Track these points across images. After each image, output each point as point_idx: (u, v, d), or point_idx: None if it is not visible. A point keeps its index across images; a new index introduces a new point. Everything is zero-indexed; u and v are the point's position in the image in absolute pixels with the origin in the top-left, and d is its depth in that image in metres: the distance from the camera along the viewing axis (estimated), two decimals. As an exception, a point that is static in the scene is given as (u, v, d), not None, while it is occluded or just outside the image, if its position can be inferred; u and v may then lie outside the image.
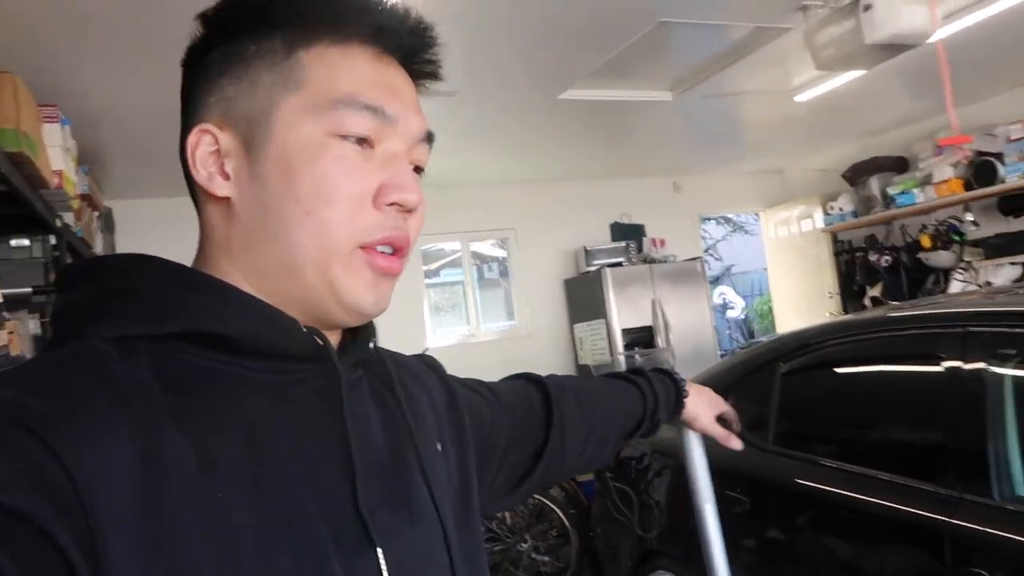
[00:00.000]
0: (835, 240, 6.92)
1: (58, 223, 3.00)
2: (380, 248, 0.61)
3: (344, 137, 0.59)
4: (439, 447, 0.73)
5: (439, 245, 6.97)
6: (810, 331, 2.51)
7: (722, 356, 6.77)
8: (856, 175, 6.34)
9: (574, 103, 4.36)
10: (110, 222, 5.10)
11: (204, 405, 0.53)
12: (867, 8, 2.37)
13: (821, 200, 6.89)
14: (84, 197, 3.59)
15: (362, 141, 0.60)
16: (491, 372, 1.14)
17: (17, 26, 2.70)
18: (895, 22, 2.34)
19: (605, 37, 3.39)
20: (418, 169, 0.66)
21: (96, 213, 4.30)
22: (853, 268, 6.65)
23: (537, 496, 4.75)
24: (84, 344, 0.52)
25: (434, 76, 0.70)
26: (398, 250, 0.62)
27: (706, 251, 10.79)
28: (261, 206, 0.60)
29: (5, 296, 2.20)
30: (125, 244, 5.29)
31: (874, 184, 6.20)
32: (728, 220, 14.33)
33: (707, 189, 7.53)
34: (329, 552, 0.54)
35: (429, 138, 0.66)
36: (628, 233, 6.89)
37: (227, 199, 0.61)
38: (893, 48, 2.50)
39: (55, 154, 2.73)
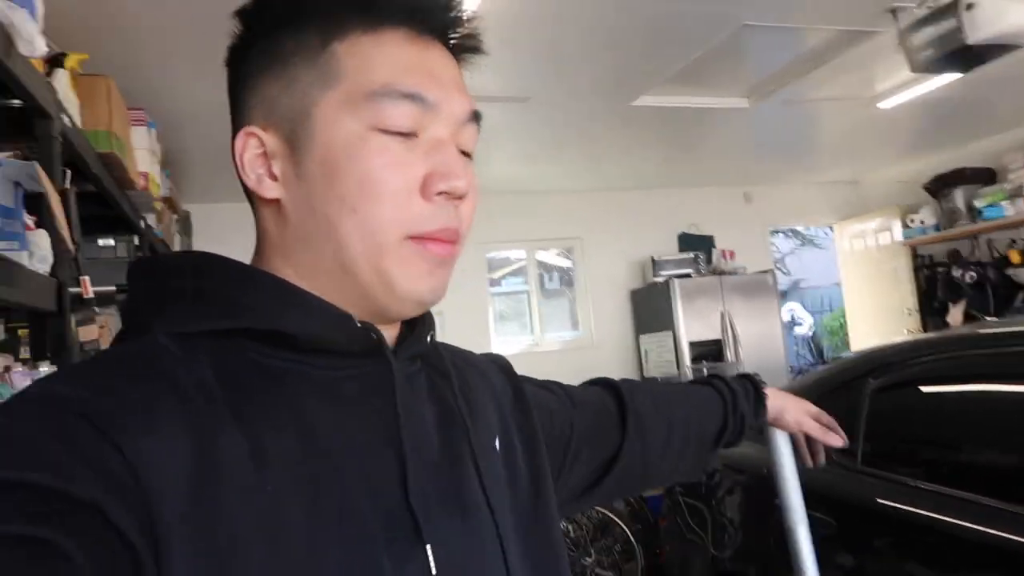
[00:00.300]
0: (915, 254, 6.64)
1: (142, 224, 3.08)
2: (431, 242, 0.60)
3: (385, 130, 0.58)
4: (497, 444, 0.72)
5: (504, 253, 6.95)
6: (903, 346, 2.39)
7: (791, 373, 6.56)
8: (939, 186, 6.07)
9: (646, 110, 4.28)
10: (188, 225, 5.25)
11: (260, 401, 0.54)
12: (970, 7, 2.25)
13: (900, 212, 6.62)
14: (165, 200, 3.69)
15: (405, 135, 0.59)
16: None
17: (111, 31, 2.79)
18: (1001, 21, 2.21)
19: (685, 41, 3.32)
20: (467, 155, 0.64)
21: (175, 216, 4.43)
22: (934, 284, 6.36)
23: (602, 510, 4.67)
24: (148, 340, 0.54)
25: (475, 50, 0.67)
26: (451, 240, 0.61)
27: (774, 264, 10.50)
28: (309, 206, 0.59)
29: (83, 298, 2.25)
30: (200, 247, 5.35)
31: (959, 196, 5.93)
32: (796, 233, 13.97)
33: (778, 200, 7.33)
34: (379, 547, 0.55)
35: (476, 118, 0.64)
36: (696, 244, 6.75)
37: (277, 200, 0.61)
38: (996, 49, 2.36)
39: (142, 156, 2.80)
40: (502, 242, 6.52)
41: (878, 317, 7.03)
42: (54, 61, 1.91)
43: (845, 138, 5.67)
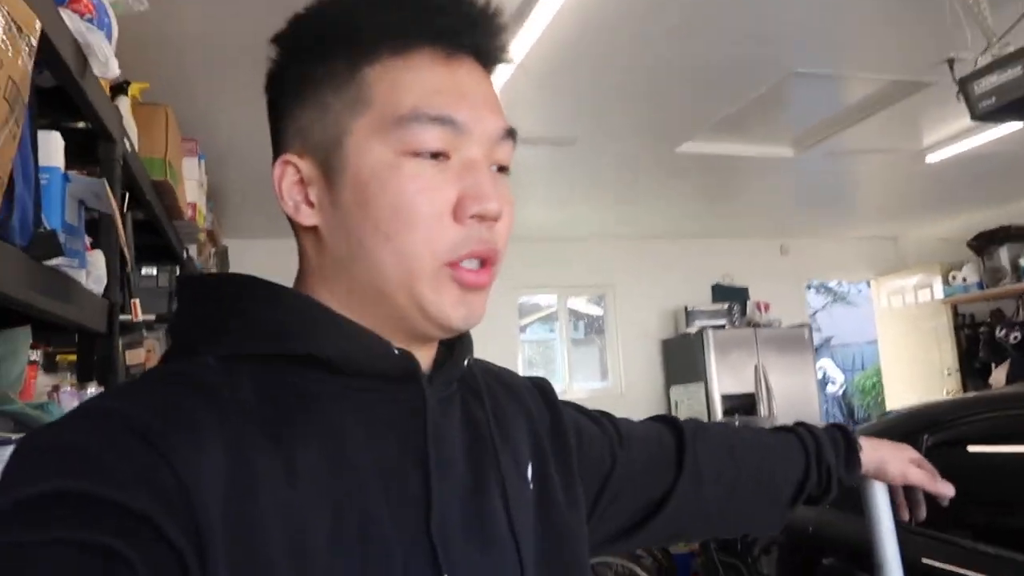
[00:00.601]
0: (955, 313, 6.50)
1: (184, 255, 3.09)
2: (467, 263, 0.60)
3: (417, 154, 0.58)
4: (530, 473, 0.70)
5: (534, 299, 6.92)
6: (958, 403, 2.30)
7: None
8: (983, 244, 5.97)
9: (688, 157, 4.27)
10: (225, 260, 5.29)
11: (296, 421, 0.56)
12: (1035, 57, 2.22)
13: (942, 269, 6.51)
14: (208, 232, 3.72)
15: (436, 154, 0.59)
16: None
17: (169, 61, 2.84)
18: (1066, 72, 2.17)
19: (734, 87, 3.32)
20: (503, 169, 0.63)
21: (214, 249, 4.46)
22: (976, 344, 6.21)
23: (628, 564, 4.53)
24: (195, 361, 0.56)
25: (507, 61, 0.66)
26: (486, 261, 0.61)
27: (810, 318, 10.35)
28: (344, 233, 0.60)
29: (123, 321, 2.25)
30: (236, 282, 5.45)
31: (1003, 254, 5.83)
32: (828, 289, 13.80)
33: (815, 253, 7.25)
34: (396, 572, 0.55)
35: (511, 134, 0.63)
36: (730, 295, 6.67)
37: (315, 227, 0.62)
38: (1060, 101, 2.32)
39: (191, 187, 2.82)
40: (534, 287, 6.50)
41: (915, 377, 6.86)
42: (117, 88, 1.93)
43: (888, 192, 5.61)
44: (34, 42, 0.79)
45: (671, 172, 4.62)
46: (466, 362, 0.69)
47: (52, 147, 1.17)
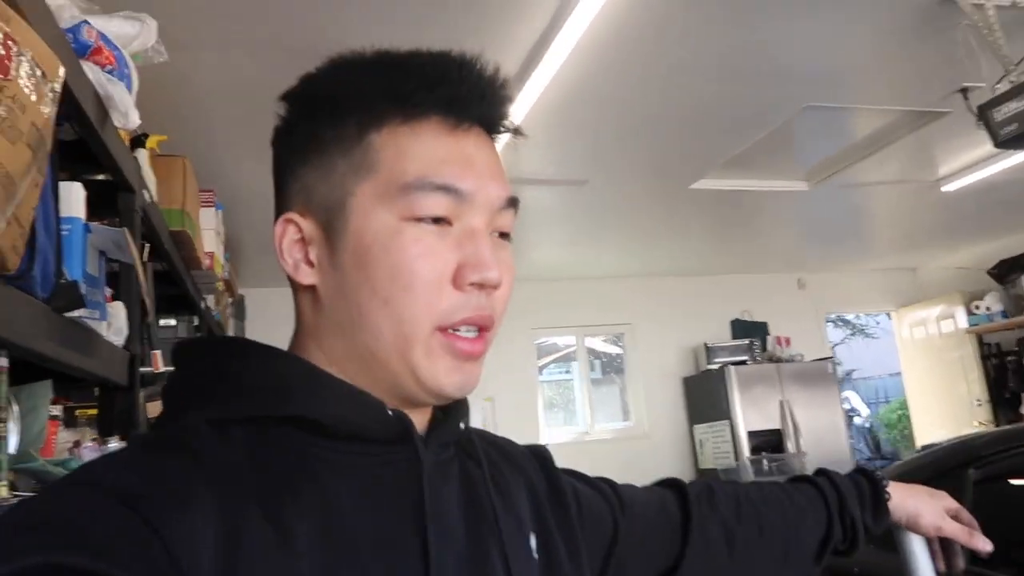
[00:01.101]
0: (980, 343, 6.39)
1: (202, 305, 3.09)
2: (464, 330, 0.60)
3: (419, 219, 0.58)
4: (534, 542, 0.68)
5: (552, 339, 6.88)
6: (1006, 434, 2.22)
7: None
8: (1005, 272, 5.90)
9: (702, 193, 4.26)
10: (241, 309, 5.30)
11: (288, 486, 0.54)
12: (1054, 82, 2.21)
13: (964, 299, 6.42)
14: (225, 282, 3.72)
15: (438, 220, 0.59)
16: (606, 474, 0.96)
17: (185, 112, 2.88)
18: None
19: (747, 124, 3.32)
20: (505, 236, 0.64)
21: (230, 299, 4.47)
22: (1004, 373, 6.10)
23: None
24: (185, 426, 0.56)
25: (514, 132, 0.67)
26: (483, 329, 0.61)
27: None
28: (342, 294, 0.60)
29: (143, 373, 2.24)
30: (253, 331, 5.46)
31: (1027, 282, 5.75)
32: (846, 322, 13.67)
33: (833, 287, 7.18)
34: None
35: (513, 203, 0.63)
36: (750, 331, 6.60)
37: (313, 287, 0.62)
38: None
39: (208, 237, 2.83)
40: (552, 328, 6.46)
41: (943, 408, 6.72)
42: (135, 140, 1.94)
43: (904, 222, 5.57)
44: (58, 88, 0.78)
45: (685, 209, 4.62)
46: (463, 425, 0.68)
47: (73, 197, 1.17)
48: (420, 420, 0.63)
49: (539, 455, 0.79)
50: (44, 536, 0.45)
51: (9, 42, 0.66)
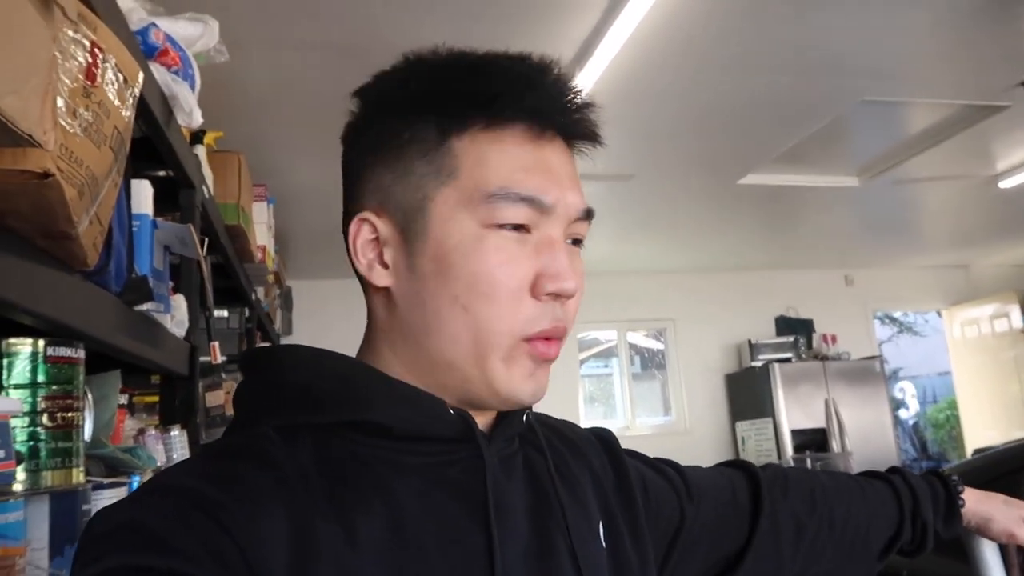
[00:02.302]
0: (1036, 342, 6.22)
1: (253, 297, 3.16)
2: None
3: (500, 226, 0.58)
4: (602, 530, 0.68)
5: (593, 334, 6.86)
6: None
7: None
8: (1063, 270, 5.72)
9: (751, 188, 4.21)
10: (288, 300, 5.39)
11: (355, 488, 0.56)
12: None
13: (1019, 297, 6.25)
14: (274, 274, 3.79)
15: (519, 227, 0.59)
16: None
17: (240, 109, 2.93)
18: None
19: (800, 117, 3.26)
20: (577, 242, 0.64)
21: (278, 290, 4.55)
22: (1060, 374, 5.92)
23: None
24: (256, 432, 0.57)
25: (593, 140, 0.66)
26: (556, 338, 0.61)
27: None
28: (419, 299, 0.60)
29: (202, 364, 2.29)
30: (299, 321, 5.55)
31: (1086, 281, 5.56)
32: (893, 320, 13.37)
33: (881, 283, 7.03)
34: None
35: (589, 215, 0.63)
36: (795, 328, 6.51)
37: (387, 288, 0.61)
38: None
39: (260, 231, 2.89)
40: (594, 323, 6.45)
41: (995, 409, 6.56)
42: (194, 136, 1.99)
43: (958, 219, 5.43)
44: (137, 93, 0.81)
45: (732, 204, 4.56)
46: (525, 417, 0.68)
47: (143, 195, 1.20)
48: (484, 418, 0.64)
49: (604, 439, 0.79)
50: (123, 540, 0.48)
51: (96, 49, 0.69)
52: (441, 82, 0.60)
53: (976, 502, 0.96)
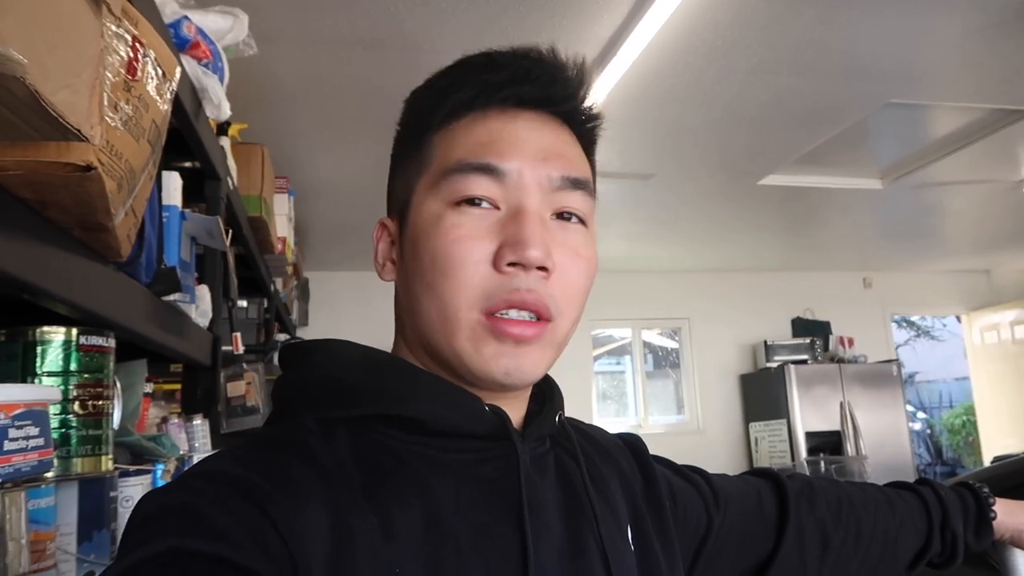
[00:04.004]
0: (1057, 350, 6.15)
1: (272, 287, 3.18)
2: (513, 314, 0.57)
3: (458, 203, 0.58)
4: (630, 534, 0.68)
5: (607, 332, 6.85)
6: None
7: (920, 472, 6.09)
8: (1087, 278, 5.64)
9: (771, 189, 4.18)
10: (305, 291, 5.42)
11: (391, 482, 0.56)
12: None
13: (1041, 304, 6.18)
14: (293, 265, 3.82)
15: (479, 203, 0.58)
16: None
17: (262, 101, 2.95)
18: None
19: (824, 119, 3.24)
20: (570, 216, 0.61)
21: (296, 282, 4.57)
22: (1081, 383, 5.85)
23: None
24: (296, 424, 0.58)
25: (586, 114, 0.65)
26: (539, 315, 0.58)
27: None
28: (406, 288, 0.63)
29: (224, 353, 2.31)
30: (315, 311, 5.58)
31: (1110, 289, 5.49)
32: (910, 323, 13.26)
33: (900, 287, 6.97)
34: None
35: (576, 184, 0.61)
36: (812, 329, 6.46)
37: (396, 283, 0.66)
38: None
39: (281, 222, 2.91)
40: (609, 320, 6.43)
41: (1014, 416, 6.49)
42: (220, 128, 2.01)
43: (980, 224, 5.37)
44: (175, 87, 0.82)
45: (752, 205, 4.54)
46: (558, 419, 0.68)
47: (172, 186, 1.22)
48: (517, 412, 0.64)
49: (632, 445, 0.80)
50: (171, 523, 0.49)
51: (137, 44, 0.70)
52: (425, 90, 0.65)
53: (1008, 514, 0.95)
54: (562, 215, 0.61)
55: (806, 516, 0.85)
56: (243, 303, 3.09)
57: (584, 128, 0.66)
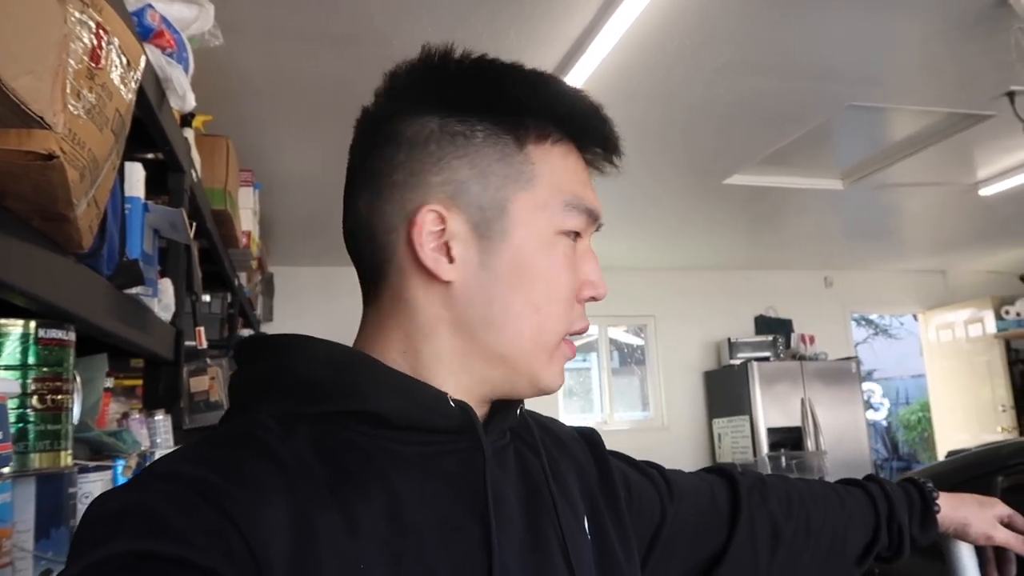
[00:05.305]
0: (1008, 348, 6.32)
1: (236, 282, 3.14)
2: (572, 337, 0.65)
3: (566, 234, 0.63)
4: (587, 525, 0.69)
5: (574, 328, 6.88)
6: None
7: (873, 468, 6.23)
8: (1037, 278, 5.82)
9: (735, 189, 4.24)
10: (270, 286, 5.36)
11: (354, 477, 0.56)
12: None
13: (994, 303, 6.35)
14: (258, 260, 3.77)
15: (574, 235, 0.64)
16: None
17: (227, 93, 2.90)
18: None
19: (787, 120, 3.29)
20: None
21: (260, 276, 4.52)
22: (1031, 380, 6.03)
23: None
24: (254, 420, 0.57)
25: (614, 163, 0.70)
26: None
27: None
28: (488, 296, 0.61)
29: (187, 348, 2.27)
30: (281, 307, 5.52)
31: (1059, 289, 5.66)
32: (869, 322, 13.55)
33: (860, 286, 7.12)
34: None
35: (599, 227, 0.70)
36: (774, 327, 6.57)
37: (448, 283, 0.61)
38: None
39: (246, 216, 2.87)
40: (575, 317, 6.47)
41: (967, 412, 6.67)
42: (183, 120, 1.97)
43: (938, 225, 5.50)
44: (139, 76, 0.80)
45: (716, 204, 4.59)
46: (518, 411, 0.69)
47: (135, 178, 1.19)
48: (480, 408, 0.64)
49: (589, 439, 0.80)
50: (127, 525, 0.48)
51: (101, 31, 0.68)
52: (521, 92, 0.62)
53: (952, 508, 0.98)
54: None
55: (758, 510, 0.87)
56: (207, 298, 3.05)
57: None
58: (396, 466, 0.58)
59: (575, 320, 0.64)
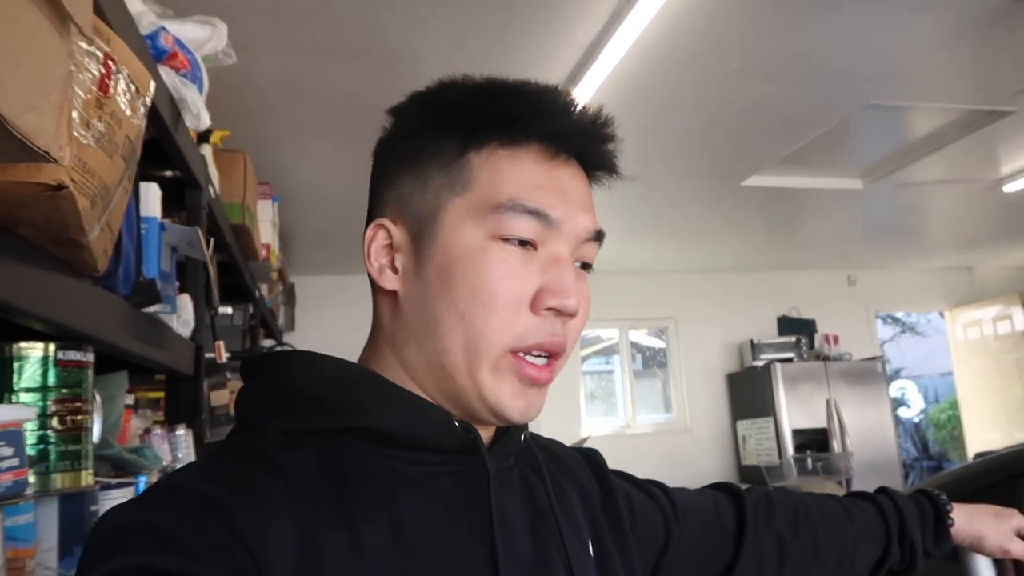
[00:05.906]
0: (1039, 345, 6.22)
1: (257, 294, 3.17)
2: (534, 355, 0.60)
3: (506, 240, 0.59)
4: (591, 547, 0.69)
5: (595, 332, 6.87)
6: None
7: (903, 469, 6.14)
8: (1066, 273, 5.71)
9: (755, 190, 4.21)
10: (292, 296, 5.40)
11: (358, 495, 0.56)
12: None
13: (1022, 300, 6.24)
14: (278, 271, 3.80)
15: (524, 243, 0.60)
16: (646, 468, 0.96)
17: (245, 108, 2.94)
18: None
19: (805, 122, 3.27)
20: (586, 266, 0.65)
21: (281, 287, 4.56)
22: (1062, 377, 5.91)
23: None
24: (261, 437, 0.58)
25: (610, 170, 0.67)
26: (552, 355, 0.61)
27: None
28: (422, 304, 0.61)
29: (207, 362, 2.30)
30: (302, 316, 5.57)
31: (1089, 284, 5.55)
32: (895, 320, 13.36)
33: (884, 285, 7.03)
34: None
35: (598, 236, 0.64)
36: (797, 328, 6.50)
37: (395, 292, 0.63)
38: None
39: (265, 229, 2.90)
40: (596, 320, 6.45)
41: (997, 410, 6.56)
42: (200, 136, 2.00)
43: (962, 222, 5.43)
44: (148, 102, 0.82)
45: (736, 205, 4.57)
46: (523, 436, 0.69)
47: (151, 198, 1.21)
48: (485, 431, 0.64)
49: (592, 460, 0.80)
50: (135, 541, 0.48)
51: (109, 61, 0.70)
52: (468, 101, 0.62)
53: (967, 520, 0.96)
54: (583, 265, 0.64)
55: (764, 527, 0.87)
56: (228, 310, 3.08)
57: (600, 183, 0.68)
58: (400, 485, 0.58)
59: (528, 333, 0.59)
